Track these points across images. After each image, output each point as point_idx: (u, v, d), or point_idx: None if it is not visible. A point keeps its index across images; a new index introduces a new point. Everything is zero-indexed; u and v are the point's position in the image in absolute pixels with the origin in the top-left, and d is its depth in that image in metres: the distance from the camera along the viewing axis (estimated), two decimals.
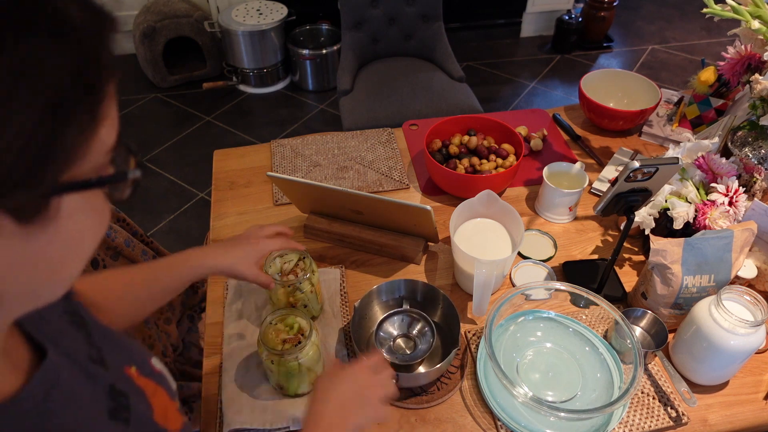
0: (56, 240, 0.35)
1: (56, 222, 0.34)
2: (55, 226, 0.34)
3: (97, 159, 0.35)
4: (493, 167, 1.27)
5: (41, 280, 0.37)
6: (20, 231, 0.32)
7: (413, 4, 2.14)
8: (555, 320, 1.02)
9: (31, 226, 0.33)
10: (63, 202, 0.34)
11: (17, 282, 0.35)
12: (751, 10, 1.06)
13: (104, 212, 0.39)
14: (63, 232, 0.35)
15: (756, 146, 1.10)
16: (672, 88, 2.33)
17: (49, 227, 0.34)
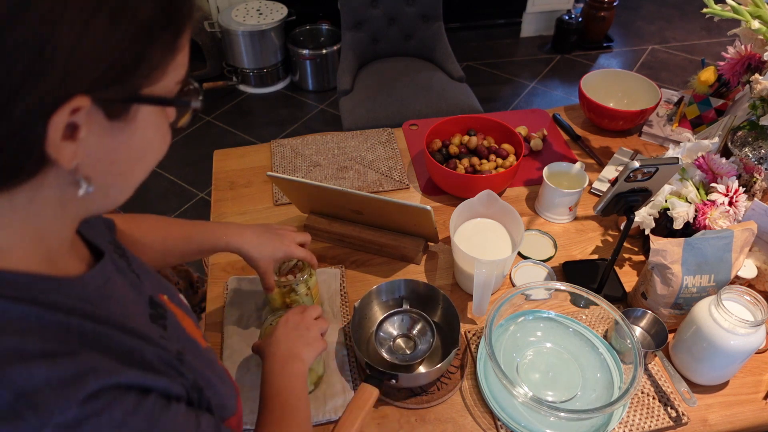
0: (131, 143, 0.43)
1: (133, 127, 0.42)
2: (131, 130, 0.43)
3: (170, 84, 0.43)
4: (493, 167, 1.27)
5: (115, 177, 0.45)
6: (107, 126, 0.41)
7: (413, 4, 2.14)
8: (555, 320, 1.02)
9: (115, 123, 0.41)
10: (140, 111, 0.42)
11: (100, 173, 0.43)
12: (751, 10, 1.06)
13: (166, 135, 0.47)
14: (136, 138, 0.44)
15: (756, 146, 1.10)
16: (672, 88, 2.33)
17: (127, 130, 0.42)
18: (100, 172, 0.43)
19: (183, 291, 1.39)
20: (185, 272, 1.44)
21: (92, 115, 0.39)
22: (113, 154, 0.43)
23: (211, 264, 1.15)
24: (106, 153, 0.42)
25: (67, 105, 0.37)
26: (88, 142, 0.40)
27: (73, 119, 0.38)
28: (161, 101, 0.43)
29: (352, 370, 0.96)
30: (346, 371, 0.95)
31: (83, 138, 0.39)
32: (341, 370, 0.95)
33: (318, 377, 0.92)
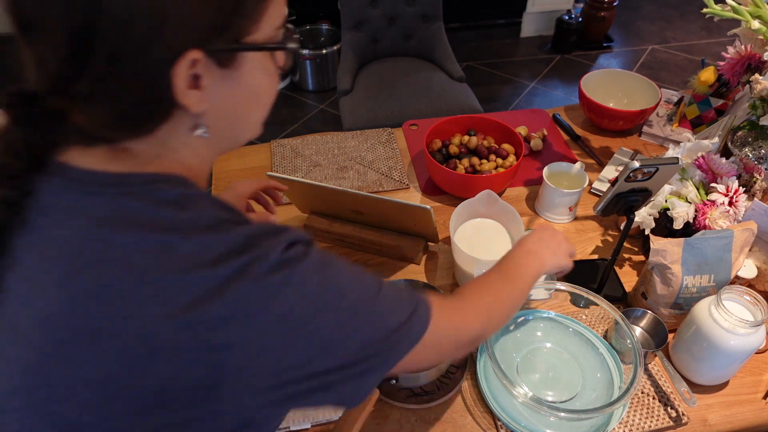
0: (243, 87, 0.51)
1: (242, 72, 0.50)
2: (241, 76, 0.50)
3: (268, 31, 0.50)
4: (493, 167, 1.27)
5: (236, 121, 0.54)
6: (220, 74, 0.48)
7: (413, 4, 2.14)
8: (555, 320, 1.02)
9: (227, 71, 0.48)
10: (246, 58, 0.49)
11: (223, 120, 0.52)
12: (751, 10, 1.06)
13: (274, 76, 0.54)
14: (247, 82, 0.51)
15: (756, 146, 1.10)
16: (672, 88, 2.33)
17: (237, 76, 0.49)
18: (223, 114, 0.51)
19: None
20: None
21: (208, 66, 0.47)
22: (231, 98, 0.51)
23: None
24: (225, 97, 0.50)
25: (185, 57, 0.44)
26: (210, 89, 0.48)
27: (194, 71, 0.46)
28: (261, 47, 0.50)
29: None
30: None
31: (206, 86, 0.47)
32: None
33: None
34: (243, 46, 0.48)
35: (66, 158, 0.49)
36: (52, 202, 0.48)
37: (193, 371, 0.44)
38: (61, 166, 0.49)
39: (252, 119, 0.56)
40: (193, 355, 0.43)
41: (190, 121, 0.50)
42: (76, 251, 0.45)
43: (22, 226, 0.48)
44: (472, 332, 0.66)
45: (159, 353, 0.43)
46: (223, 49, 0.47)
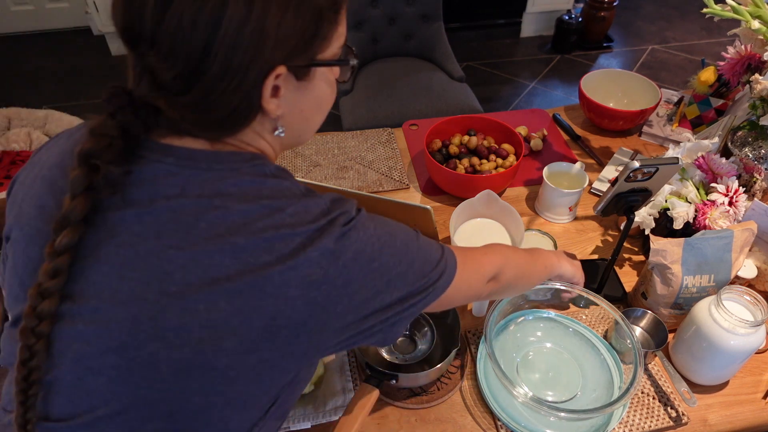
0: (311, 97, 0.60)
1: (312, 85, 0.58)
2: (312, 87, 0.59)
3: (335, 49, 0.59)
4: (493, 167, 1.27)
5: (302, 123, 0.62)
6: (296, 86, 0.57)
7: (413, 4, 2.14)
8: (555, 320, 1.02)
9: (300, 83, 0.57)
10: (317, 72, 0.58)
11: (293, 122, 0.60)
12: (751, 10, 1.06)
13: (334, 87, 0.63)
14: (314, 93, 0.60)
15: (756, 146, 1.10)
16: (672, 88, 2.33)
17: (309, 87, 0.58)
18: (293, 118, 0.60)
19: None
20: None
21: (288, 79, 0.55)
22: (301, 104, 0.59)
23: None
24: (296, 104, 0.58)
25: (274, 72, 0.52)
26: (286, 98, 0.56)
27: (276, 82, 0.54)
28: (331, 63, 0.59)
29: (352, 370, 0.96)
30: (346, 371, 0.95)
31: (283, 95, 0.56)
32: (341, 370, 0.95)
33: (318, 377, 0.92)
34: (317, 62, 0.57)
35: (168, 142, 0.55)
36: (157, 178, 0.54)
37: (293, 307, 0.52)
38: (168, 147, 0.55)
39: (314, 123, 0.64)
40: (295, 292, 0.52)
41: (269, 123, 0.58)
42: (194, 218, 0.52)
43: (121, 201, 0.53)
44: (493, 267, 0.76)
45: (269, 294, 0.51)
46: (301, 65, 0.55)
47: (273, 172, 0.58)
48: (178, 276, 0.51)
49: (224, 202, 0.53)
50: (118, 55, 3.36)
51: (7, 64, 3.28)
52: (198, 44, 0.48)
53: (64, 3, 3.45)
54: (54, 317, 0.52)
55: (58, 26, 3.53)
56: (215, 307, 0.50)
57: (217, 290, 0.50)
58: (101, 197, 0.52)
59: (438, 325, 0.99)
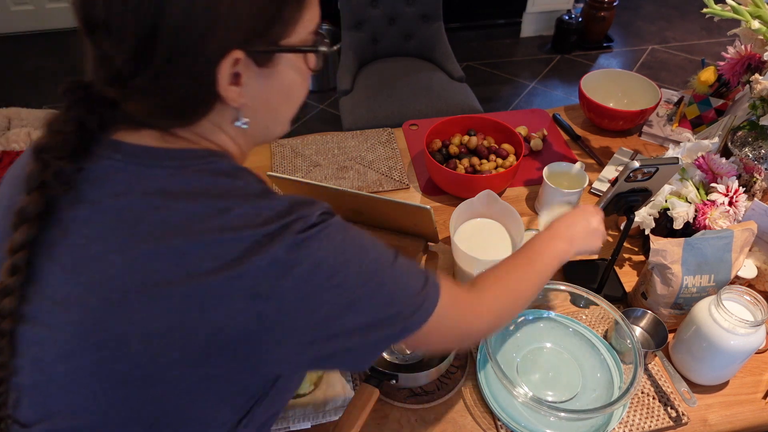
0: (277, 85, 0.56)
1: (277, 72, 0.55)
2: (277, 75, 0.55)
3: (303, 35, 0.54)
4: (493, 167, 1.27)
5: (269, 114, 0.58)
6: (259, 72, 0.53)
7: (413, 4, 2.14)
8: (555, 320, 1.02)
9: (264, 69, 0.53)
10: (282, 59, 0.54)
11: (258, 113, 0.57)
12: (751, 10, 1.06)
13: (306, 77, 0.59)
14: (281, 81, 0.56)
15: (756, 146, 1.10)
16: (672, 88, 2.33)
17: (274, 74, 0.55)
18: (258, 109, 0.56)
19: None
20: None
21: (248, 65, 0.51)
22: (266, 94, 0.56)
23: None
24: (261, 93, 0.55)
25: (229, 56, 0.49)
26: (248, 86, 0.53)
27: (235, 69, 0.50)
28: (296, 49, 0.55)
29: None
30: (346, 371, 0.95)
31: (245, 83, 0.52)
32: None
33: (318, 377, 0.92)
34: (279, 48, 0.53)
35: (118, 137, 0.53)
36: (108, 175, 0.52)
37: (239, 321, 0.48)
38: (116, 143, 0.53)
39: (283, 114, 0.61)
40: (240, 304, 0.48)
41: (231, 113, 0.55)
42: (136, 219, 0.49)
43: (74, 199, 0.51)
44: (481, 328, 0.67)
45: (211, 304, 0.47)
46: (261, 50, 0.52)
47: (226, 170, 0.54)
48: (119, 282, 0.48)
49: (166, 201, 0.50)
50: None
51: (7, 64, 3.28)
52: (146, 23, 0.46)
53: (64, 3, 3.45)
54: (16, 316, 0.51)
55: (58, 26, 3.53)
56: (155, 316, 0.48)
57: (157, 298, 0.47)
58: (55, 194, 0.51)
59: None
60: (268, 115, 0.59)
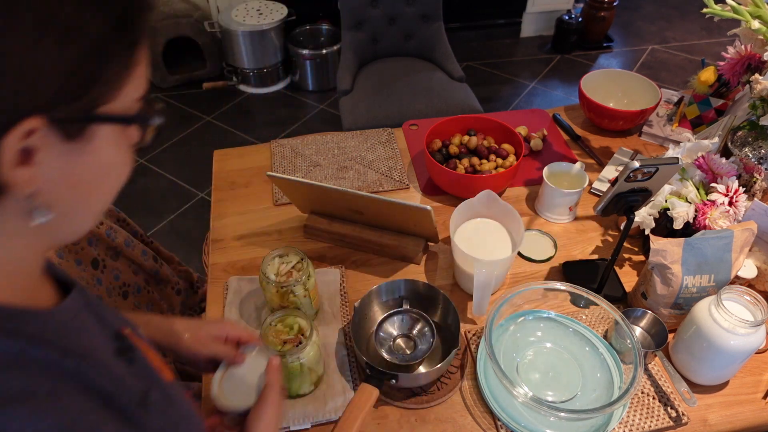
0: (91, 165, 0.42)
1: (91, 148, 0.41)
2: (90, 152, 0.42)
3: (127, 101, 0.42)
4: (493, 167, 1.27)
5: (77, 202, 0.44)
6: (65, 148, 0.40)
7: (413, 4, 2.14)
8: (555, 320, 1.02)
9: (73, 144, 0.40)
10: (98, 131, 0.41)
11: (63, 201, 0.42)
12: (751, 10, 1.06)
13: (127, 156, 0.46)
14: (96, 160, 0.42)
15: (756, 146, 1.10)
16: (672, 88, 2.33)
17: (86, 151, 0.41)
18: (60, 197, 0.42)
19: (183, 291, 1.39)
20: (185, 272, 1.44)
21: (48, 138, 0.38)
22: (73, 177, 0.42)
23: (211, 264, 1.15)
24: (66, 176, 0.41)
25: (20, 127, 0.36)
26: (46, 165, 0.39)
27: (27, 143, 0.37)
28: (119, 119, 0.42)
29: (352, 370, 0.96)
30: (346, 371, 0.95)
31: (40, 161, 0.38)
32: (341, 370, 0.96)
33: (318, 377, 0.92)
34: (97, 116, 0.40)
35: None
36: None
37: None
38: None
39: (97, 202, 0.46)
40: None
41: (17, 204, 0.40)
42: None
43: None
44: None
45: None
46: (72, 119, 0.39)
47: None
48: None
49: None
50: None
51: None
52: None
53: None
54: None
55: None
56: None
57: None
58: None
59: (438, 325, 0.99)
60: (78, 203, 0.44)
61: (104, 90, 0.40)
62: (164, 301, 1.32)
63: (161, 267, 1.29)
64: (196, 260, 2.18)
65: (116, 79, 0.41)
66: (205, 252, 1.54)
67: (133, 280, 1.21)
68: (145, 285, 1.25)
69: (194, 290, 1.46)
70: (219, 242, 1.19)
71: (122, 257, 1.19)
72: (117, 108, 0.42)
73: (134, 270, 1.23)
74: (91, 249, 1.10)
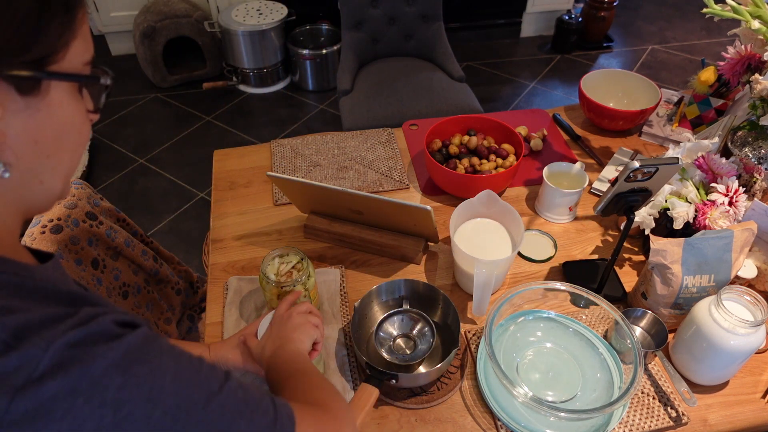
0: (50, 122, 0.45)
1: (47, 103, 0.44)
2: (47, 108, 0.44)
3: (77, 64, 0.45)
4: (493, 167, 1.27)
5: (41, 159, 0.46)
6: (22, 103, 0.42)
7: (413, 4, 2.14)
8: (555, 320, 1.02)
9: (29, 99, 0.43)
10: (52, 88, 0.44)
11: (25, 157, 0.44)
12: (751, 10, 1.06)
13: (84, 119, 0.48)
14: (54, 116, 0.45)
15: (756, 146, 1.10)
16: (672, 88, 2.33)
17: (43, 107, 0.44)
18: (22, 153, 0.44)
19: (183, 291, 1.39)
20: (185, 272, 1.44)
21: (4, 92, 0.41)
22: (34, 133, 0.44)
23: (211, 264, 1.15)
24: (27, 132, 0.44)
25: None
26: (7, 121, 0.42)
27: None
28: (70, 77, 0.45)
29: (352, 370, 0.96)
30: (346, 371, 0.95)
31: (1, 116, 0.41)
32: (341, 370, 0.96)
33: None
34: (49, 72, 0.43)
35: None
36: None
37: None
38: None
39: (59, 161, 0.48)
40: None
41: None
42: None
43: None
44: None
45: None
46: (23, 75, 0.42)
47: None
48: None
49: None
50: (118, 55, 3.36)
51: None
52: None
53: None
54: None
55: None
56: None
57: None
58: None
59: (438, 325, 0.99)
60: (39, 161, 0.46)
61: (49, 47, 0.43)
62: (164, 301, 1.32)
63: (161, 267, 1.29)
64: (196, 260, 2.18)
65: (59, 38, 0.43)
66: (205, 252, 1.54)
67: (133, 280, 1.21)
68: (145, 285, 1.25)
69: (194, 290, 1.46)
70: (219, 242, 1.19)
71: (122, 257, 1.19)
72: (66, 68, 0.45)
73: (134, 270, 1.23)
74: (91, 249, 1.10)
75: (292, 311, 0.84)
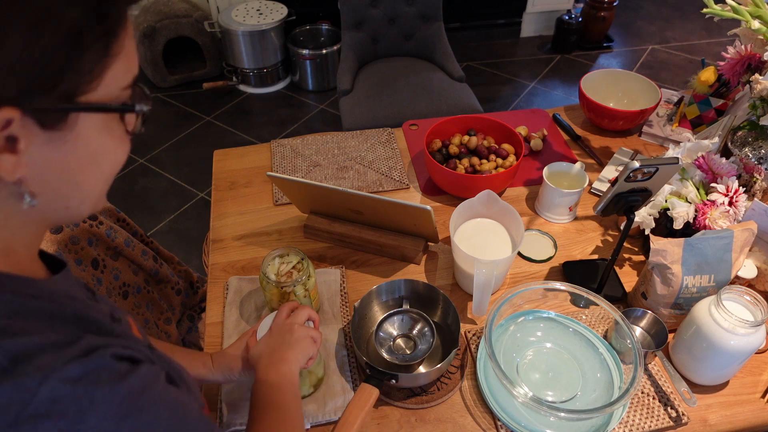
0: (76, 152, 0.43)
1: (75, 135, 0.42)
2: (74, 139, 0.42)
3: (112, 90, 0.43)
4: (493, 167, 1.27)
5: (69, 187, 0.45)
6: (46, 136, 0.40)
7: (413, 4, 2.14)
8: (555, 320, 1.02)
9: (54, 132, 0.41)
10: (81, 119, 0.42)
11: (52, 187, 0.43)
12: (751, 10, 1.06)
13: (123, 141, 0.47)
14: (82, 147, 0.43)
15: (756, 146, 1.10)
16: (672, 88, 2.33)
17: (70, 138, 0.42)
18: (50, 182, 0.43)
19: (183, 291, 1.39)
20: (185, 272, 1.44)
21: (28, 127, 0.39)
22: (60, 163, 0.43)
23: (211, 264, 1.15)
24: (52, 163, 0.42)
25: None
26: (30, 153, 0.40)
27: (9, 132, 0.38)
28: (99, 108, 0.43)
29: (352, 370, 0.96)
30: (346, 371, 0.95)
31: (24, 150, 0.40)
32: (341, 370, 0.96)
33: (318, 379, 0.92)
34: (76, 105, 0.41)
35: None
36: None
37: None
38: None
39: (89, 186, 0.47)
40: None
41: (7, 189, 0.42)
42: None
43: None
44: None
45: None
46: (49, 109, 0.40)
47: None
48: None
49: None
50: None
51: None
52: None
53: None
54: None
55: None
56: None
57: None
58: None
59: (438, 325, 0.99)
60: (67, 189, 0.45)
61: (80, 79, 0.40)
62: (164, 301, 1.32)
63: (161, 267, 1.29)
64: (196, 260, 2.18)
65: (92, 69, 0.41)
66: (205, 252, 1.54)
67: (133, 280, 1.21)
68: (145, 285, 1.25)
69: (194, 290, 1.46)
70: (219, 242, 1.19)
71: (122, 257, 1.19)
72: (100, 96, 0.42)
73: (134, 270, 1.23)
74: (91, 249, 1.10)
75: (293, 321, 0.83)
